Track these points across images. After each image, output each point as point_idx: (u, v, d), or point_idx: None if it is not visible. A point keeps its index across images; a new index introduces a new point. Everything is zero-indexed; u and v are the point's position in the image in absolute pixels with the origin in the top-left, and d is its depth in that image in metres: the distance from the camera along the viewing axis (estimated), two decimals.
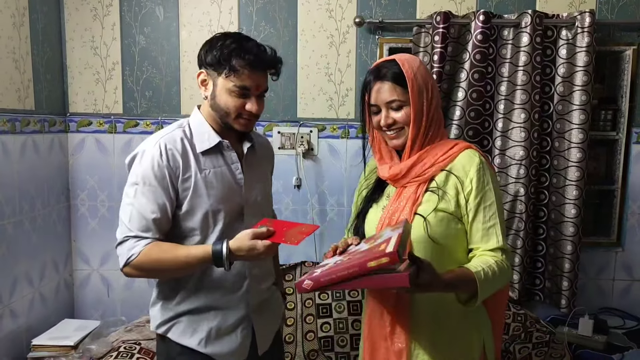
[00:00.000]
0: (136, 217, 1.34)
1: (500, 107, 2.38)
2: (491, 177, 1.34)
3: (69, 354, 2.14)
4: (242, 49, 1.34)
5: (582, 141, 2.35)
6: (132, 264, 1.32)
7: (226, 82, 1.36)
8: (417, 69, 1.34)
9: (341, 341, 2.32)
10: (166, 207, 1.36)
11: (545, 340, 2.22)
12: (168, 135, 1.40)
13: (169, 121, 2.55)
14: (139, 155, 1.38)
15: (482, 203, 1.31)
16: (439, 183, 1.33)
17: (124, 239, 1.34)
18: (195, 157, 1.40)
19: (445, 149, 1.36)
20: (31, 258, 2.28)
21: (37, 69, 2.31)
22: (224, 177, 1.43)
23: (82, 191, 2.60)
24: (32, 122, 2.26)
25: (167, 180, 1.35)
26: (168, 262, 1.33)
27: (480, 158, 1.34)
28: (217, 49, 1.35)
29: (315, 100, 2.54)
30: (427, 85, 1.35)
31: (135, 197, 1.35)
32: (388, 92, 1.35)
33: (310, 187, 2.57)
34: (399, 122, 1.35)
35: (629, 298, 2.60)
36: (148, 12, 2.51)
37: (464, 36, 2.37)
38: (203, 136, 1.42)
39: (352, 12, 2.48)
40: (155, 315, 1.48)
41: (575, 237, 2.38)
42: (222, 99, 1.38)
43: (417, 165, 1.35)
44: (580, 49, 2.33)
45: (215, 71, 1.36)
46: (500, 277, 1.28)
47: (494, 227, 1.31)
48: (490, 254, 1.31)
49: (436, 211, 1.31)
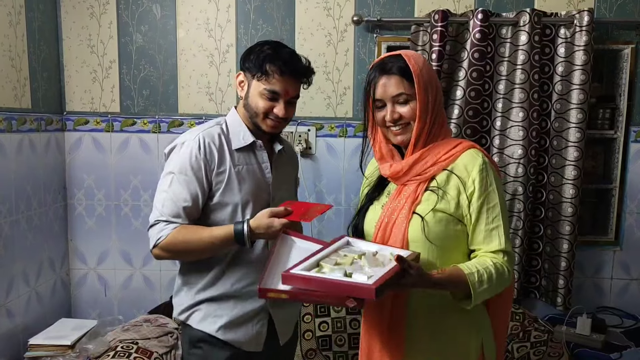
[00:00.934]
0: (169, 203, 1.44)
1: (499, 106, 2.38)
2: (495, 178, 1.31)
3: (66, 353, 2.12)
4: (276, 56, 1.45)
5: (579, 140, 2.35)
6: (161, 245, 1.43)
7: (258, 84, 1.47)
8: (422, 64, 1.33)
9: (339, 340, 2.32)
10: (198, 197, 1.46)
11: (544, 339, 2.22)
12: (207, 131, 1.50)
13: (166, 120, 2.54)
14: (177, 146, 1.49)
15: (485, 204, 1.29)
16: (440, 183, 1.31)
17: (154, 222, 1.45)
18: (230, 153, 1.50)
19: (447, 147, 1.34)
20: (28, 257, 2.27)
21: (34, 67, 2.30)
22: (254, 174, 1.53)
23: (79, 190, 2.59)
24: (28, 121, 2.25)
25: (203, 172, 1.46)
26: (194, 243, 1.42)
27: (484, 158, 1.32)
28: (255, 54, 1.47)
29: (313, 99, 2.53)
30: (432, 81, 1.34)
31: (170, 185, 1.46)
32: (395, 85, 1.32)
33: (308, 186, 2.57)
34: (405, 117, 1.33)
35: (627, 297, 2.60)
36: (145, 10, 2.50)
37: (462, 34, 2.37)
38: (239, 134, 1.53)
39: (350, 10, 2.47)
40: (178, 303, 1.58)
41: (571, 235, 2.38)
42: (254, 100, 1.49)
43: (419, 163, 1.33)
44: (579, 48, 2.32)
45: (251, 74, 1.48)
46: (497, 281, 1.25)
47: (497, 229, 1.29)
48: (491, 255, 1.28)
49: (435, 211, 1.29)
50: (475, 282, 1.22)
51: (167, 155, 1.53)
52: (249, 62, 1.49)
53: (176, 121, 2.54)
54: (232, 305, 1.52)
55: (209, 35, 2.50)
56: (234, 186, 1.49)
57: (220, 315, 1.52)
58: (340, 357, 2.30)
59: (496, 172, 1.35)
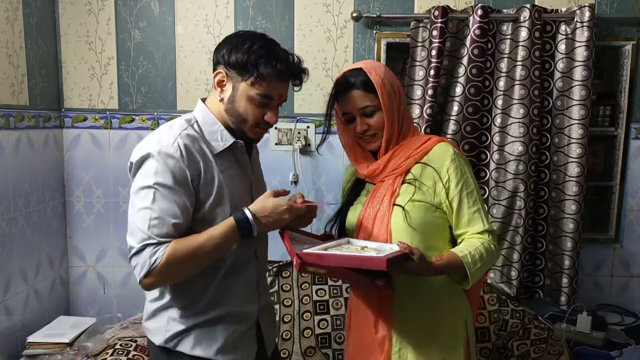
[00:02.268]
0: (156, 222, 1.22)
1: (499, 103, 2.37)
2: (466, 165, 1.42)
3: (64, 351, 2.12)
4: (273, 57, 1.26)
5: (582, 137, 2.33)
6: (157, 269, 1.21)
7: (250, 89, 1.27)
8: (383, 74, 1.40)
9: (338, 338, 2.31)
10: (188, 211, 1.25)
11: (544, 336, 2.21)
12: (184, 133, 1.28)
13: (164, 117, 2.53)
14: (152, 155, 1.24)
15: (463, 190, 1.39)
16: (415, 175, 1.41)
17: (140, 247, 1.21)
18: (212, 158, 1.30)
19: (419, 142, 1.44)
20: (26, 255, 2.26)
21: (31, 64, 2.29)
22: (238, 178, 1.36)
23: (78, 187, 2.58)
24: (26, 118, 2.24)
25: (189, 182, 1.25)
26: (195, 252, 1.23)
27: (454, 149, 1.42)
28: (244, 52, 1.25)
29: (312, 95, 2.52)
30: (394, 88, 1.41)
31: (154, 201, 1.22)
32: (360, 99, 1.40)
33: (307, 183, 2.56)
34: (373, 126, 1.41)
35: (627, 294, 2.60)
36: (143, 6, 2.48)
37: (462, 31, 2.35)
38: (216, 135, 1.33)
39: (349, 7, 2.46)
40: (157, 329, 1.37)
41: (575, 233, 2.37)
42: (242, 105, 1.29)
43: (393, 159, 1.43)
44: (580, 44, 2.31)
45: (239, 75, 1.27)
46: (488, 258, 1.37)
47: (478, 211, 1.40)
48: (477, 236, 1.39)
49: (413, 201, 1.38)
50: (470, 263, 1.33)
51: (137, 165, 1.26)
52: (236, 59, 1.26)
53: (175, 118, 2.52)
54: (227, 325, 1.37)
55: (208, 32, 2.49)
56: (224, 195, 1.30)
57: (215, 337, 1.36)
58: (339, 354, 2.29)
59: (466, 160, 1.46)
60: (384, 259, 1.12)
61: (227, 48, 1.29)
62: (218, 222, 1.28)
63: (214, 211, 1.29)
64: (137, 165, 1.26)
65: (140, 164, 1.26)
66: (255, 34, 1.31)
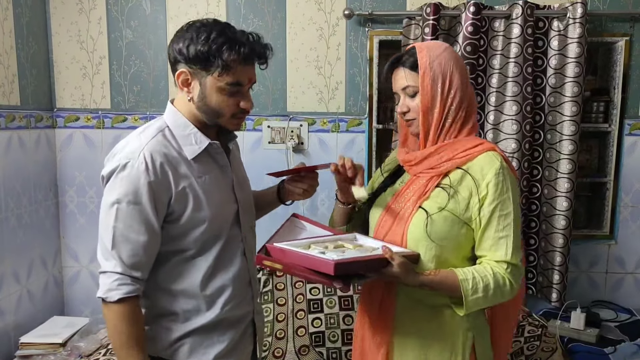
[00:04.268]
0: (121, 241, 1.18)
1: (492, 100, 2.36)
2: (511, 185, 1.26)
3: (57, 351, 2.12)
4: (234, 42, 1.19)
5: (574, 133, 2.33)
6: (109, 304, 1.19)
7: (217, 80, 1.21)
8: (436, 56, 1.28)
9: (332, 336, 2.30)
10: (153, 227, 1.20)
11: (537, 334, 2.21)
12: (151, 143, 1.21)
13: (157, 116, 2.47)
14: (119, 168, 1.19)
15: (497, 211, 1.24)
16: (453, 181, 1.27)
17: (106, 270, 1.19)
18: (186, 164, 1.24)
19: (467, 145, 1.28)
20: (18, 255, 2.25)
21: (22, 63, 2.28)
22: (218, 180, 1.31)
23: (71, 187, 2.57)
24: (17, 118, 2.23)
25: (159, 196, 1.19)
26: (119, 336, 1.21)
27: (502, 163, 1.26)
28: (202, 44, 1.18)
29: (305, 93, 2.51)
30: (446, 75, 1.27)
31: (118, 219, 1.17)
32: (403, 78, 1.31)
33: None
34: (412, 111, 1.31)
35: (622, 291, 2.60)
36: (134, 5, 2.47)
37: (455, 28, 2.35)
38: (189, 139, 1.26)
39: (341, 4, 2.45)
40: (153, 339, 1.30)
41: (567, 230, 2.37)
42: (214, 99, 1.23)
43: (434, 156, 1.29)
44: (572, 40, 2.30)
45: (203, 69, 1.20)
46: (495, 292, 1.22)
47: (506, 238, 1.24)
48: (494, 264, 1.24)
49: (442, 210, 1.25)
50: (469, 289, 1.20)
51: (106, 179, 1.22)
52: (196, 54, 1.19)
53: None
54: (223, 329, 1.34)
55: None
56: (202, 202, 1.24)
57: (212, 343, 1.32)
58: (333, 353, 2.29)
59: (514, 179, 1.29)
60: (332, 262, 1.08)
61: (183, 44, 1.21)
62: (200, 229, 1.25)
63: (194, 218, 1.25)
64: (106, 179, 1.23)
65: (108, 178, 1.22)
66: (207, 22, 1.23)
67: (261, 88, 2.50)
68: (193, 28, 1.22)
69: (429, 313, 1.32)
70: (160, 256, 1.27)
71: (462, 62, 1.34)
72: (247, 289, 1.41)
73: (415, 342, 1.32)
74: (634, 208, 2.55)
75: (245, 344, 1.42)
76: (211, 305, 1.31)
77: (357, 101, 2.52)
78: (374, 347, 1.36)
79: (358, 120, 2.52)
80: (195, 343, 1.31)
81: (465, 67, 1.33)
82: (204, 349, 1.31)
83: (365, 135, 2.53)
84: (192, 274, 1.29)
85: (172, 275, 1.29)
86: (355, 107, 2.52)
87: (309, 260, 1.16)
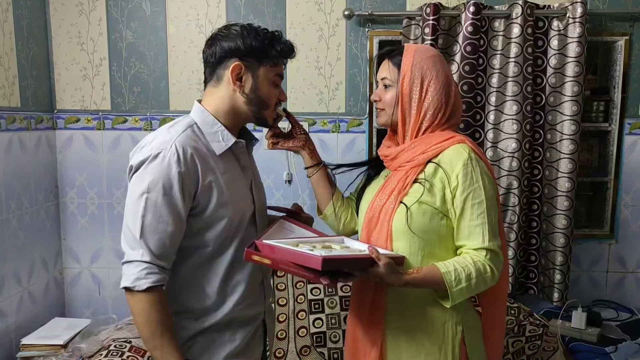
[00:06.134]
0: (150, 231, 1.19)
1: (492, 100, 2.36)
2: (483, 174, 1.30)
3: (59, 353, 2.12)
4: (277, 37, 1.31)
5: (574, 133, 2.33)
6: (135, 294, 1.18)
7: (269, 71, 1.30)
8: (420, 61, 1.34)
9: (333, 337, 2.30)
10: (181, 218, 1.22)
11: (539, 333, 2.21)
12: (182, 136, 1.24)
13: (157, 117, 2.52)
14: (150, 158, 1.21)
15: (469, 200, 1.28)
16: (427, 175, 1.32)
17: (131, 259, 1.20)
18: (213, 159, 1.28)
19: (439, 139, 1.33)
20: (19, 257, 2.25)
21: (22, 65, 2.28)
22: (239, 179, 1.34)
23: (71, 189, 2.57)
24: (18, 120, 2.23)
25: (187, 188, 1.21)
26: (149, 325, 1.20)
27: (470, 154, 1.30)
28: (256, 38, 1.27)
29: (305, 94, 2.51)
30: (424, 80, 1.34)
31: (147, 208, 1.19)
32: (385, 69, 1.40)
33: (301, 182, 2.55)
34: (382, 100, 1.40)
35: (623, 290, 2.60)
36: (135, 6, 2.47)
37: (455, 28, 2.35)
38: (216, 136, 1.30)
39: (341, 5, 2.45)
40: None
41: (568, 229, 2.37)
42: (265, 89, 1.30)
43: (409, 150, 1.35)
44: (572, 40, 2.30)
45: (258, 61, 1.28)
46: (477, 280, 1.25)
47: (481, 225, 1.28)
48: (473, 253, 1.28)
49: (420, 203, 1.30)
50: (452, 281, 1.23)
51: (135, 169, 1.24)
52: (250, 47, 1.26)
53: (168, 118, 2.52)
54: (235, 329, 1.35)
55: (200, 31, 2.48)
56: (226, 198, 1.27)
57: (223, 342, 1.33)
58: (335, 353, 2.29)
59: (487, 168, 1.34)
60: (319, 258, 1.10)
61: (237, 40, 1.27)
62: (222, 224, 1.27)
63: (217, 214, 1.27)
64: (135, 169, 1.24)
65: (137, 168, 1.23)
66: (245, 24, 1.32)
67: None
68: (240, 27, 1.30)
69: (418, 309, 1.35)
70: (180, 253, 1.28)
71: (449, 71, 1.40)
72: (260, 289, 1.42)
73: (407, 338, 1.36)
74: (634, 207, 2.55)
75: (256, 345, 1.43)
76: (225, 304, 1.33)
77: (357, 101, 2.52)
78: (367, 346, 1.39)
79: (358, 121, 2.53)
80: (207, 341, 1.33)
81: (451, 76, 1.39)
82: (215, 347, 1.33)
83: (365, 136, 2.53)
84: (210, 273, 1.31)
85: (191, 273, 1.31)
86: (356, 107, 2.52)
87: (297, 256, 1.18)
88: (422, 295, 1.33)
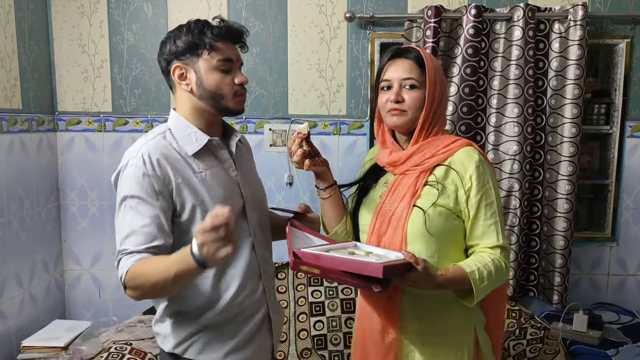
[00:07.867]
0: (127, 233, 1.24)
1: (493, 102, 2.36)
2: (491, 175, 1.35)
3: (59, 355, 2.11)
4: (210, 24, 1.30)
5: (575, 135, 2.33)
6: (125, 281, 1.20)
7: (209, 60, 1.28)
8: (435, 62, 1.38)
9: (334, 339, 2.30)
10: (160, 219, 1.24)
11: (540, 336, 2.20)
12: (149, 143, 1.29)
13: (158, 119, 2.52)
14: (122, 169, 1.28)
15: (483, 200, 1.32)
16: (438, 177, 1.34)
17: (119, 257, 1.24)
18: (186, 162, 1.30)
19: (447, 142, 1.36)
20: (20, 259, 2.25)
21: (24, 67, 2.28)
22: (220, 177, 1.34)
23: (72, 190, 2.57)
24: (19, 122, 2.24)
25: (156, 190, 1.24)
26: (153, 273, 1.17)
27: (479, 156, 1.35)
28: (185, 34, 1.29)
29: (307, 96, 2.51)
30: (439, 80, 1.37)
31: (124, 213, 1.25)
32: (408, 69, 1.35)
33: (302, 185, 2.55)
34: (407, 102, 1.35)
35: (624, 293, 2.60)
36: (136, 8, 2.48)
37: (456, 30, 2.35)
38: (189, 138, 1.32)
39: (342, 7, 2.45)
40: (165, 334, 1.35)
41: (568, 232, 2.37)
42: (210, 79, 1.29)
43: (418, 154, 1.36)
44: (573, 42, 2.30)
45: (194, 55, 1.29)
46: (497, 276, 1.29)
47: (494, 225, 1.32)
48: (489, 251, 1.32)
49: (436, 205, 1.31)
50: (477, 280, 1.25)
51: (115, 180, 1.31)
52: (182, 45, 1.28)
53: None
54: (234, 325, 1.35)
55: None
56: (204, 196, 1.29)
57: (223, 339, 1.34)
58: (335, 356, 2.29)
59: (492, 169, 1.38)
60: (380, 266, 1.10)
61: (170, 43, 1.31)
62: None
63: (196, 211, 1.28)
64: (115, 180, 1.31)
65: (116, 180, 1.31)
66: (180, 25, 1.34)
67: (263, 91, 2.50)
68: (172, 31, 1.34)
69: (436, 314, 1.35)
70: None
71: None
72: (258, 284, 1.40)
73: (423, 344, 1.35)
74: (635, 210, 2.55)
75: (262, 339, 1.42)
76: (220, 301, 1.33)
77: (358, 104, 2.52)
78: (381, 353, 1.37)
79: (359, 123, 2.53)
80: (206, 339, 1.33)
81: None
82: (215, 344, 1.34)
83: (366, 138, 2.53)
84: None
85: None
86: (357, 109, 2.52)
87: (352, 264, 1.17)
88: (439, 299, 1.33)
